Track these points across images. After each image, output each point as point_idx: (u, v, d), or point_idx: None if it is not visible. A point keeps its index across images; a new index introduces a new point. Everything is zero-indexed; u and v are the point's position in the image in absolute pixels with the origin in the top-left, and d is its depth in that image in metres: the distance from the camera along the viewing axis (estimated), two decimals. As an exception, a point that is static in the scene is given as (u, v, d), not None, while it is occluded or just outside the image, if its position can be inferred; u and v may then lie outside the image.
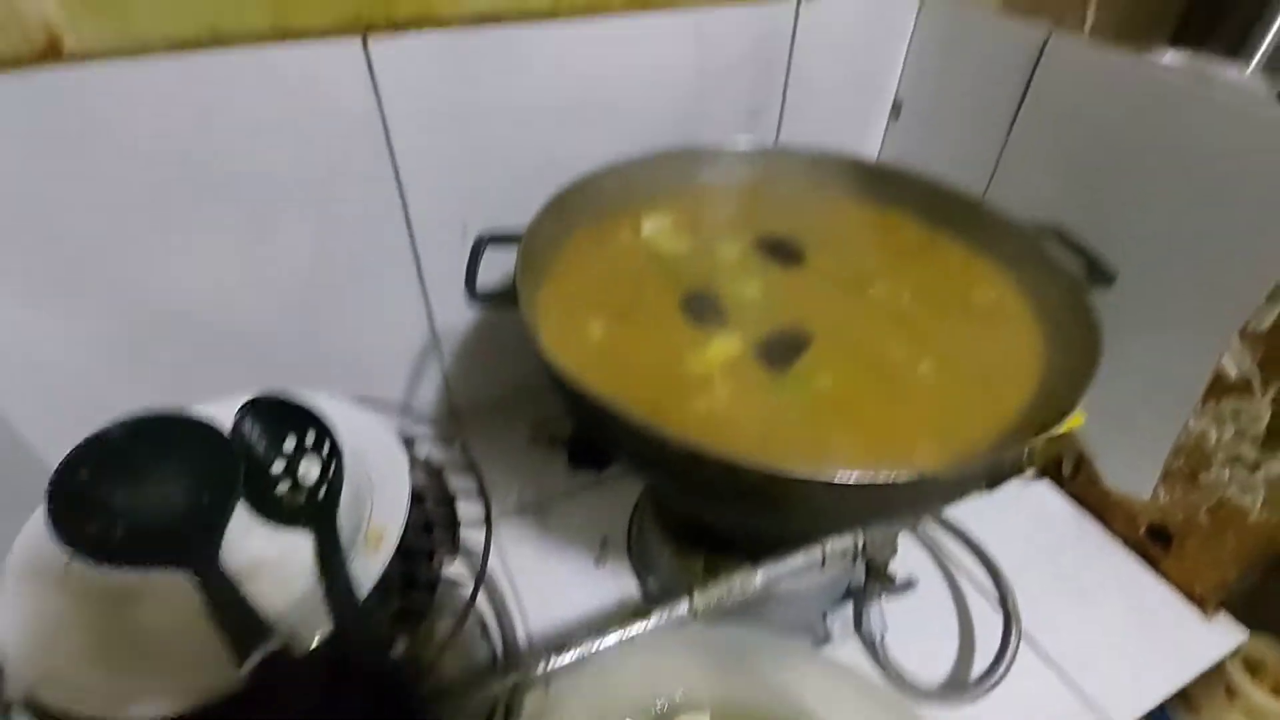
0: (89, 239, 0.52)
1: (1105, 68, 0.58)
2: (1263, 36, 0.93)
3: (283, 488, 0.43)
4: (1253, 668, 0.82)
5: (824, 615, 0.59)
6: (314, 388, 0.70)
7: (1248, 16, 0.94)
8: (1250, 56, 0.94)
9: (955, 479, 0.38)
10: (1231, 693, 0.73)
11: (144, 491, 0.40)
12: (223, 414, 0.44)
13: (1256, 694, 0.70)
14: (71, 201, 0.51)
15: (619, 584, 0.65)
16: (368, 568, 0.36)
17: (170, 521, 0.40)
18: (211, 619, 0.36)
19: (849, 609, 0.60)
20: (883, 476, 0.35)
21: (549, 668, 0.42)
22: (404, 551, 0.39)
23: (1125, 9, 0.96)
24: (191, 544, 0.39)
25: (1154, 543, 0.66)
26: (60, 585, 0.36)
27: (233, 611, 0.36)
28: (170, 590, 0.37)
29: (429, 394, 0.79)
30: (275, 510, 0.42)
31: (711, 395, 0.45)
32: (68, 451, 0.40)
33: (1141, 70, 0.56)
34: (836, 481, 0.34)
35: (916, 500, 0.44)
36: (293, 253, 0.60)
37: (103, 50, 0.48)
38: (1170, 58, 0.68)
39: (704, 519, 0.56)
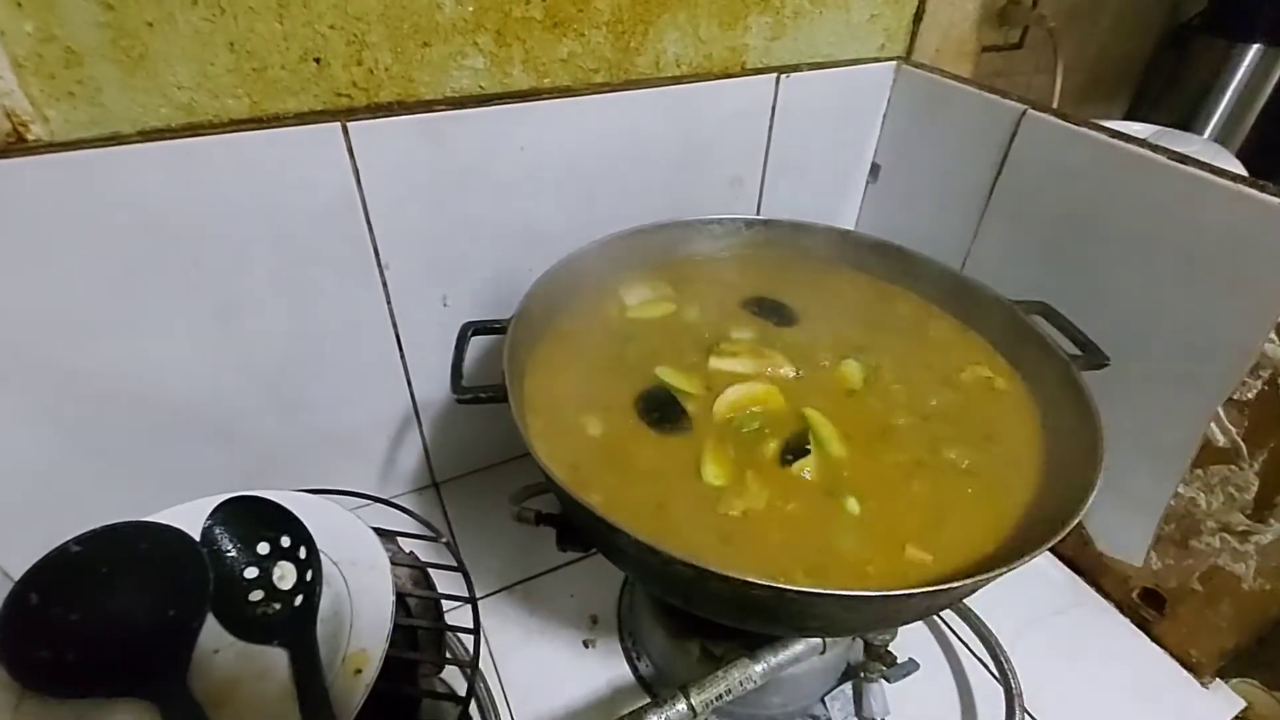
0: (47, 325, 0.50)
1: (1080, 142, 0.60)
2: (1215, 107, 0.98)
3: (256, 596, 0.41)
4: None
5: (823, 699, 0.58)
6: (292, 463, 0.68)
7: (1200, 89, 0.99)
8: (1204, 127, 0.99)
9: (971, 586, 0.36)
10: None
11: (104, 610, 0.37)
12: (191, 519, 0.41)
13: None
14: (31, 287, 0.48)
15: (609, 666, 0.62)
16: (349, 696, 0.33)
17: (132, 642, 0.37)
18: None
19: (848, 690, 0.58)
20: (900, 590, 0.35)
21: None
22: (386, 667, 0.36)
23: (1087, 81, 1.00)
24: (155, 667, 0.36)
25: (1147, 606, 0.66)
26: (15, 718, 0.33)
27: (200, 748, 0.33)
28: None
29: (409, 465, 0.77)
30: (248, 624, 0.39)
31: (717, 499, 0.43)
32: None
33: (1114, 144, 0.57)
34: (853, 596, 0.33)
35: (930, 605, 0.43)
36: (268, 328, 0.59)
37: (71, 140, 0.46)
38: (1138, 129, 0.70)
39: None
